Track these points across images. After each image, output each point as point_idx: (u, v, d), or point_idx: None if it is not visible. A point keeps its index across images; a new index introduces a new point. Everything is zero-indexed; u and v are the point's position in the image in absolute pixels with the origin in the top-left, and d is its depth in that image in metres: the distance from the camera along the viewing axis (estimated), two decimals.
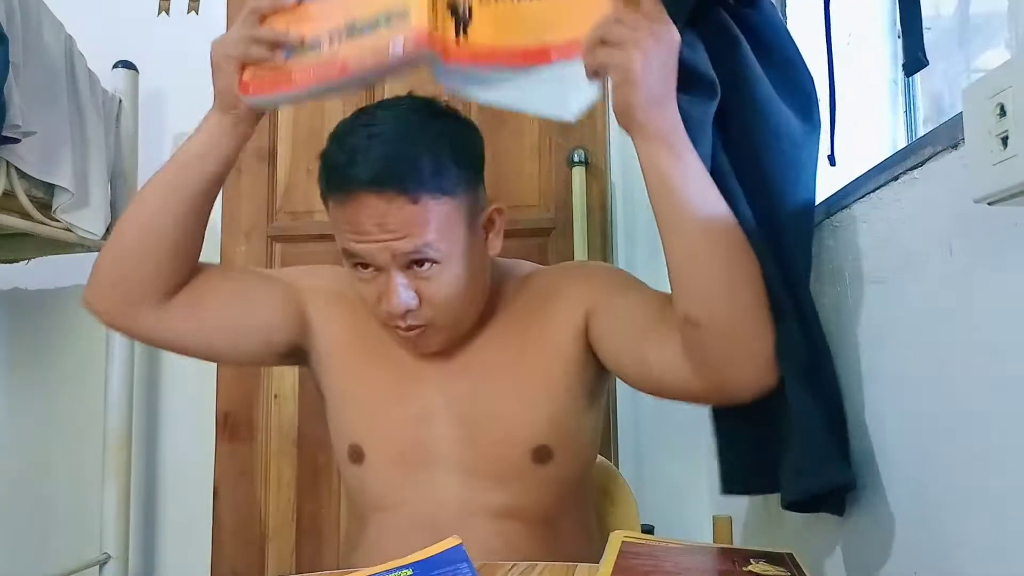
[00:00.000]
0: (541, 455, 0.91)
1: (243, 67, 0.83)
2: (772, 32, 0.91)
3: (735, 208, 0.84)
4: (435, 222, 0.82)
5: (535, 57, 0.76)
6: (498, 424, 0.92)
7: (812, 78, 0.92)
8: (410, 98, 0.90)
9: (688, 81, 0.88)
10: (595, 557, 0.71)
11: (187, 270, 0.92)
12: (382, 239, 0.82)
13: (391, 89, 1.24)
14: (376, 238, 0.82)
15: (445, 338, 0.91)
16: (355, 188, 0.81)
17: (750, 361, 0.78)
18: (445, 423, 0.92)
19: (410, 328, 0.88)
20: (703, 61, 0.88)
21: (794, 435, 0.81)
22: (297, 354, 1.01)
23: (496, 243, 0.92)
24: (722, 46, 0.89)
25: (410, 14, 0.73)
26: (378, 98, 1.15)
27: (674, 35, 0.74)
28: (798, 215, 0.88)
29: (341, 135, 0.86)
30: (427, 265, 0.84)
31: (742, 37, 0.89)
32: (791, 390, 0.81)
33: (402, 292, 0.84)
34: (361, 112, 0.88)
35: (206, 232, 0.92)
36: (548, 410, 0.92)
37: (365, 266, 0.86)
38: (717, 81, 0.88)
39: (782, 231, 0.87)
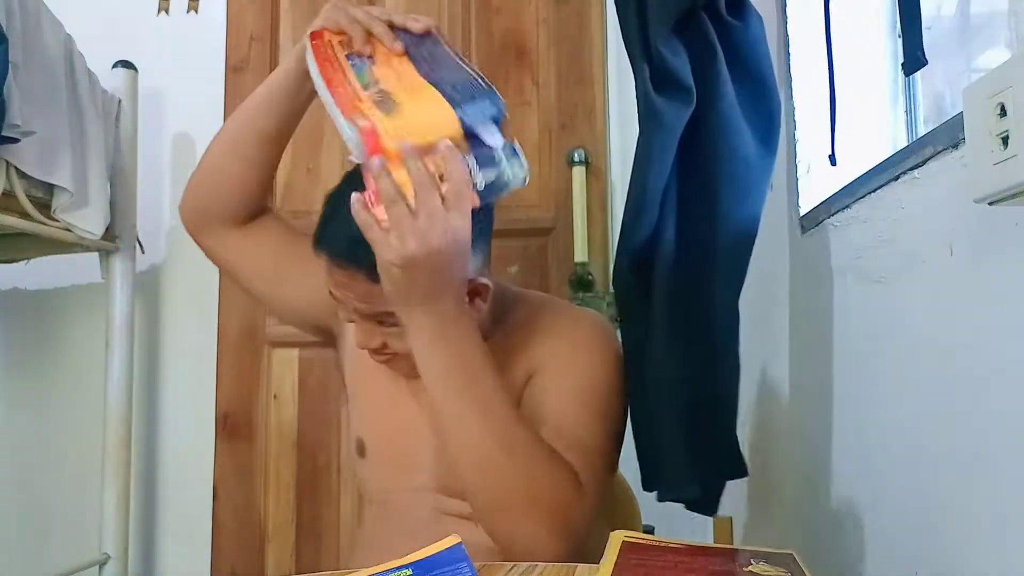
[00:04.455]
0: None
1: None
2: (751, 49, 0.91)
3: (662, 222, 0.88)
4: None
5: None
6: None
7: (780, 102, 0.92)
8: None
9: (666, 85, 0.89)
10: (594, 558, 0.70)
11: (259, 197, 1.01)
12: (347, 297, 0.87)
13: None
14: (342, 295, 0.88)
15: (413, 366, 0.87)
16: (325, 255, 0.87)
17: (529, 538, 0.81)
18: (429, 433, 0.94)
19: (378, 352, 0.91)
20: (683, 67, 0.88)
21: (657, 452, 0.91)
22: (327, 337, 1.08)
23: (481, 305, 0.90)
24: (698, 56, 0.89)
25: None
26: None
27: (466, 229, 0.74)
28: (737, 236, 0.89)
29: (333, 197, 0.89)
30: (391, 325, 0.87)
31: (720, 50, 0.89)
32: (661, 414, 0.89)
33: (363, 337, 0.90)
34: (354, 176, 0.85)
35: None
36: None
37: None
38: (694, 89, 0.88)
39: (718, 250, 0.88)
